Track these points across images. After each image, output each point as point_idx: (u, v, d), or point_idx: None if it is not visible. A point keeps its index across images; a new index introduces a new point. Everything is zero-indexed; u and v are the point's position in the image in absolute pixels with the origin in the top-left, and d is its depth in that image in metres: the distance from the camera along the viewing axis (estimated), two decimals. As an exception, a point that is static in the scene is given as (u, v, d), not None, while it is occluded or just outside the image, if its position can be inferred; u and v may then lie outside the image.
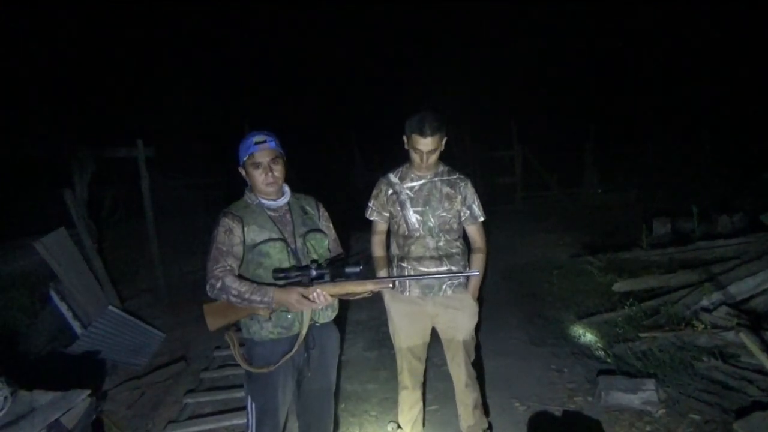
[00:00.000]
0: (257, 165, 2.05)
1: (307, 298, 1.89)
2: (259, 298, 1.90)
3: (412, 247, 2.50)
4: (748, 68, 14.21)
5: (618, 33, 18.15)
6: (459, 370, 2.62)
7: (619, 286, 4.84)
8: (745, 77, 14.10)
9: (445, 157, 2.58)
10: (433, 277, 2.46)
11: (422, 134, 2.34)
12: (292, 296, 1.88)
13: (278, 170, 2.08)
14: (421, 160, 2.42)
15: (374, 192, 2.63)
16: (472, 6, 19.93)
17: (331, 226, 2.32)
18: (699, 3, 15.96)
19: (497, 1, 19.50)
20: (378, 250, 2.69)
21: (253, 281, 1.98)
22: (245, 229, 2.03)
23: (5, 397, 2.14)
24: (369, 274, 2.03)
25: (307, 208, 2.24)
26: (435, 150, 2.39)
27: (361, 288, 1.96)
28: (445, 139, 2.45)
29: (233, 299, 1.92)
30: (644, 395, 3.01)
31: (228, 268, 1.97)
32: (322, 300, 1.91)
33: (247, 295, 1.90)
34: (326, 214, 2.32)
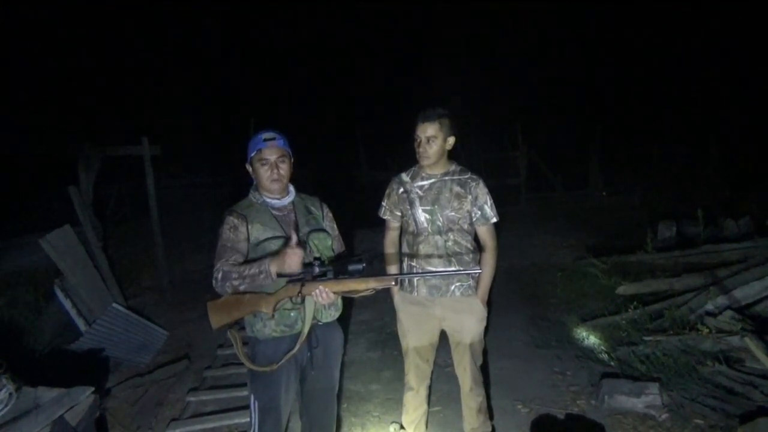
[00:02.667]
0: (264, 161, 2.07)
1: (298, 252, 1.84)
2: (257, 270, 1.89)
3: (421, 246, 2.50)
4: (756, 71, 14.13)
5: (625, 35, 18.09)
6: (465, 374, 2.61)
7: (624, 289, 4.83)
8: (753, 80, 14.03)
9: (451, 158, 2.58)
10: (437, 273, 2.43)
11: (422, 119, 2.40)
12: (284, 254, 1.85)
13: (284, 168, 2.10)
14: (419, 147, 2.42)
15: (387, 191, 2.65)
16: (478, 6, 19.92)
17: (335, 226, 2.33)
18: (707, 5, 15.89)
19: (503, 1, 19.48)
20: (389, 248, 2.69)
21: (251, 260, 1.98)
22: (249, 227, 2.05)
23: (10, 394, 2.15)
24: (372, 272, 2.02)
25: (312, 208, 2.25)
26: (434, 138, 2.39)
27: (364, 285, 1.96)
28: (453, 139, 2.46)
29: (236, 282, 1.91)
30: (648, 399, 3.00)
31: (231, 262, 1.98)
32: (324, 296, 1.91)
33: (246, 272, 1.90)
34: (330, 214, 2.33)
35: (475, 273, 2.38)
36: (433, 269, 2.47)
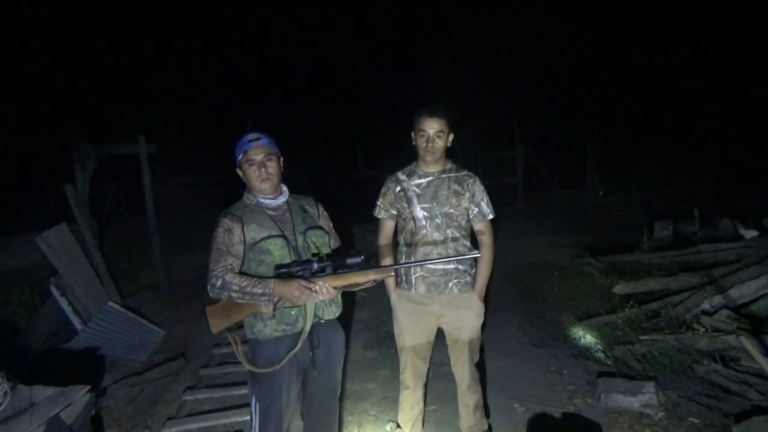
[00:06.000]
0: (251, 162, 2.07)
1: (308, 288, 1.87)
2: (260, 291, 1.88)
3: (420, 243, 2.50)
4: (753, 71, 14.17)
5: (622, 34, 18.13)
6: (463, 371, 2.62)
7: (620, 288, 4.83)
8: (750, 80, 14.07)
9: (449, 157, 2.59)
10: (435, 261, 2.44)
11: (429, 114, 2.41)
12: (292, 285, 1.87)
13: (272, 167, 2.09)
14: (427, 142, 2.42)
15: (382, 190, 2.64)
16: (476, 5, 19.92)
17: (331, 225, 2.32)
18: (704, 6, 15.93)
19: (501, 0, 19.49)
20: (384, 242, 2.69)
21: (253, 275, 1.97)
22: (245, 228, 2.03)
23: (5, 392, 2.14)
24: (370, 265, 2.02)
25: (307, 207, 2.25)
26: (441, 133, 2.41)
27: (364, 278, 1.95)
28: (452, 136, 2.48)
29: (235, 295, 1.90)
30: (644, 398, 3.00)
31: (228, 267, 1.96)
32: (325, 292, 1.90)
33: (248, 288, 1.89)
34: (326, 213, 2.32)
35: (474, 256, 2.40)
36: (432, 266, 2.48)
